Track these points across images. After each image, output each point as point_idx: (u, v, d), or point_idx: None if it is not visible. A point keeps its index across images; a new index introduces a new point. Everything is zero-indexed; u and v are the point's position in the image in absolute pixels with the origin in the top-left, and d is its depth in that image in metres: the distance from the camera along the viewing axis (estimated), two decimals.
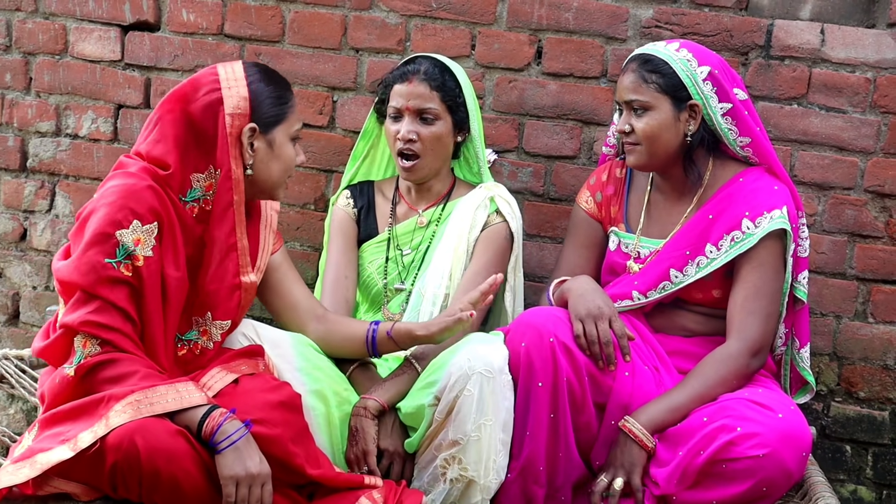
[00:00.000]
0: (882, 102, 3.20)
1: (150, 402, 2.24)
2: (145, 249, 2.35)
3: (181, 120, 2.46)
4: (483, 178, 3.05)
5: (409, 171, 2.94)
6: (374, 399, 2.66)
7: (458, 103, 2.93)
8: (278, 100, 2.53)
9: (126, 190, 2.37)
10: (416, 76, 2.91)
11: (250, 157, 2.50)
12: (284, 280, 2.75)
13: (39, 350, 2.42)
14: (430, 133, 2.91)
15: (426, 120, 2.91)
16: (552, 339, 2.59)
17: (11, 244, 3.57)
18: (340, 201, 3.09)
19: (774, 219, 2.73)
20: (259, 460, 2.28)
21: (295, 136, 2.57)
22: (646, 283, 2.82)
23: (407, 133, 2.89)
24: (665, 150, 2.77)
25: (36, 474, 2.23)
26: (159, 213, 2.39)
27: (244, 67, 2.52)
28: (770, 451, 2.46)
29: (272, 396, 2.42)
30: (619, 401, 2.66)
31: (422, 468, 2.63)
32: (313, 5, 3.36)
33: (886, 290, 3.26)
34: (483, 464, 2.54)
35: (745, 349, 2.70)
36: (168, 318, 2.44)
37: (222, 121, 2.45)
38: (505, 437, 2.57)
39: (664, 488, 2.57)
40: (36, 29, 3.48)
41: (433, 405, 2.57)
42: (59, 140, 3.51)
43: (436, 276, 2.93)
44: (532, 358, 2.58)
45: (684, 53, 2.76)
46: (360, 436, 2.62)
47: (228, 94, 2.46)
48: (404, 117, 2.91)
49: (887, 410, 3.30)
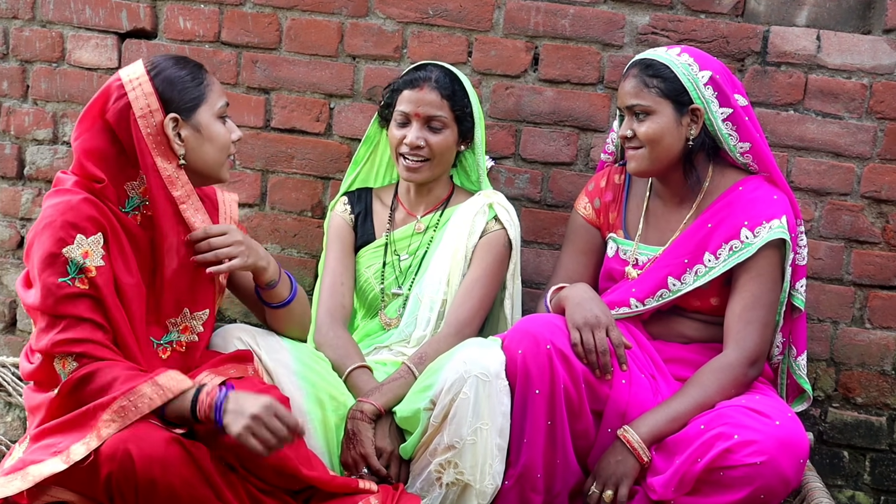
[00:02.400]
0: (878, 108, 3.20)
1: (135, 405, 2.24)
2: (95, 260, 2.34)
3: (101, 133, 2.44)
4: (482, 187, 3.05)
5: (411, 171, 2.93)
6: (370, 403, 2.66)
7: (466, 113, 2.94)
8: (192, 82, 2.48)
9: (63, 206, 2.36)
10: (428, 83, 2.91)
11: (180, 148, 2.46)
12: (245, 275, 2.69)
13: (27, 374, 2.43)
14: (438, 141, 2.91)
15: (434, 128, 2.91)
16: (549, 346, 2.59)
17: (8, 252, 3.57)
18: (338, 207, 3.10)
19: (773, 229, 2.72)
20: (253, 399, 2.28)
21: (221, 113, 2.52)
22: (643, 290, 2.82)
23: (415, 140, 2.89)
24: (667, 154, 2.77)
25: (27, 486, 2.23)
26: (101, 223, 2.37)
27: (144, 64, 2.47)
28: (767, 458, 2.46)
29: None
30: (616, 408, 2.65)
31: (416, 474, 2.63)
32: (310, 12, 3.36)
33: (883, 295, 3.26)
34: (479, 468, 2.54)
35: (744, 359, 2.70)
36: (134, 323, 2.43)
37: (135, 124, 2.41)
38: (501, 443, 2.57)
39: (661, 494, 2.56)
40: (33, 37, 3.48)
41: (429, 409, 2.58)
42: (56, 148, 3.51)
43: (434, 281, 2.93)
44: (529, 365, 2.58)
45: (685, 58, 2.76)
46: (356, 439, 2.62)
47: (134, 95, 2.42)
48: (412, 123, 2.91)
49: (885, 416, 3.30)
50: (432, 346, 2.81)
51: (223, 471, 2.32)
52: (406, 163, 2.92)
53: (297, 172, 3.42)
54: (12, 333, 3.59)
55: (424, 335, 2.91)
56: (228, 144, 2.54)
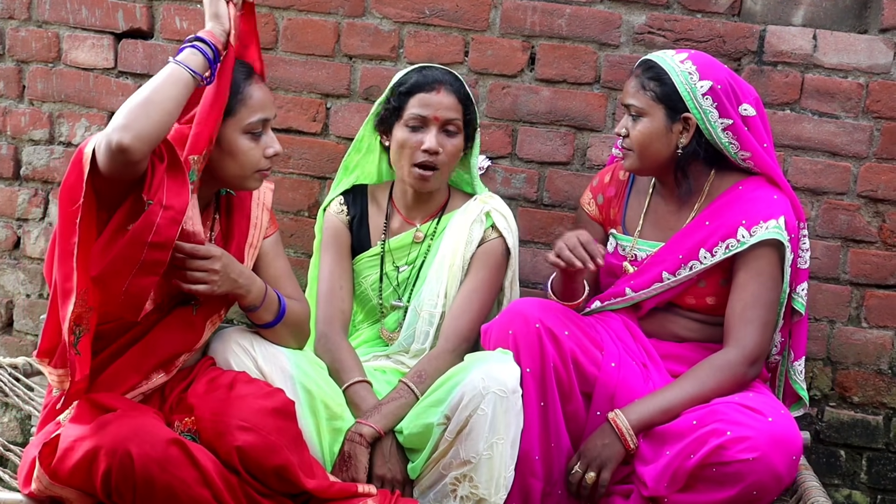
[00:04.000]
0: (874, 108, 3.20)
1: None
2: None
3: None
4: (476, 189, 3.01)
5: (425, 181, 2.85)
6: (370, 426, 2.62)
7: (473, 118, 2.91)
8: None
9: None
10: (444, 86, 2.84)
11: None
12: (268, 269, 2.69)
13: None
14: (453, 146, 2.85)
15: (449, 132, 2.85)
16: (538, 324, 2.62)
17: (5, 252, 3.57)
18: (333, 207, 3.03)
19: (770, 229, 2.72)
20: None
21: (252, 129, 2.47)
22: (639, 283, 2.84)
23: (435, 145, 2.81)
24: (655, 158, 2.77)
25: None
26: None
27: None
28: (760, 454, 2.46)
29: (266, 403, 2.41)
30: (605, 391, 2.67)
31: (426, 486, 2.61)
32: (306, 12, 3.36)
33: (880, 294, 3.26)
34: (494, 482, 2.54)
35: (744, 358, 2.70)
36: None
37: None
38: (514, 453, 2.57)
39: (653, 489, 2.57)
40: (29, 37, 3.48)
41: (442, 424, 2.55)
42: (53, 148, 3.51)
43: (431, 294, 2.89)
44: (519, 343, 2.61)
45: (688, 66, 2.74)
46: (351, 463, 2.60)
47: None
48: (429, 128, 2.83)
49: (881, 415, 3.30)
50: (431, 363, 2.77)
51: (224, 473, 2.32)
52: (418, 172, 2.84)
53: (293, 172, 3.42)
54: (9, 334, 3.59)
55: (424, 348, 2.89)
56: (254, 161, 2.49)
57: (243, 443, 2.32)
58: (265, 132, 2.51)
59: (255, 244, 2.65)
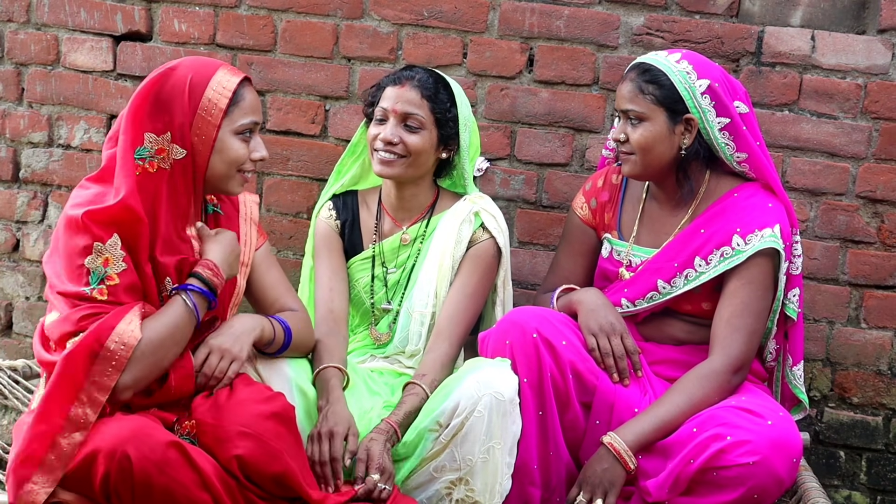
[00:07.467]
0: (873, 108, 3.21)
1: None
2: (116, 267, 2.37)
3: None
4: (468, 190, 2.99)
5: (384, 165, 2.84)
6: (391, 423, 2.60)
7: (448, 118, 2.86)
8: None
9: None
10: (410, 81, 2.85)
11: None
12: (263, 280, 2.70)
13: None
14: (413, 142, 2.82)
15: (410, 127, 2.83)
16: (535, 334, 2.62)
17: (4, 255, 3.57)
18: (323, 213, 3.02)
19: (765, 238, 2.70)
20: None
21: (241, 129, 2.48)
22: (634, 292, 2.83)
23: (389, 136, 2.81)
24: (658, 161, 2.76)
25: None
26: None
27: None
28: (760, 458, 2.46)
29: (265, 407, 2.40)
30: (605, 400, 2.67)
31: (413, 488, 2.59)
32: (305, 14, 3.36)
33: (879, 295, 3.26)
34: (489, 488, 2.54)
35: (728, 366, 2.69)
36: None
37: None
38: (510, 461, 2.57)
39: (656, 496, 2.57)
40: (28, 39, 3.48)
41: (434, 430, 2.55)
42: (52, 150, 3.51)
43: (422, 295, 2.89)
44: (516, 353, 2.61)
45: (684, 65, 2.73)
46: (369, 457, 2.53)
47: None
48: (389, 120, 2.84)
49: (881, 416, 3.30)
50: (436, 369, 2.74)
51: (223, 476, 2.32)
52: (379, 156, 2.84)
53: (292, 174, 3.42)
54: (8, 336, 3.59)
55: (418, 349, 2.88)
56: (240, 159, 2.50)
57: (244, 450, 2.32)
58: (254, 136, 2.53)
59: (246, 262, 2.66)
